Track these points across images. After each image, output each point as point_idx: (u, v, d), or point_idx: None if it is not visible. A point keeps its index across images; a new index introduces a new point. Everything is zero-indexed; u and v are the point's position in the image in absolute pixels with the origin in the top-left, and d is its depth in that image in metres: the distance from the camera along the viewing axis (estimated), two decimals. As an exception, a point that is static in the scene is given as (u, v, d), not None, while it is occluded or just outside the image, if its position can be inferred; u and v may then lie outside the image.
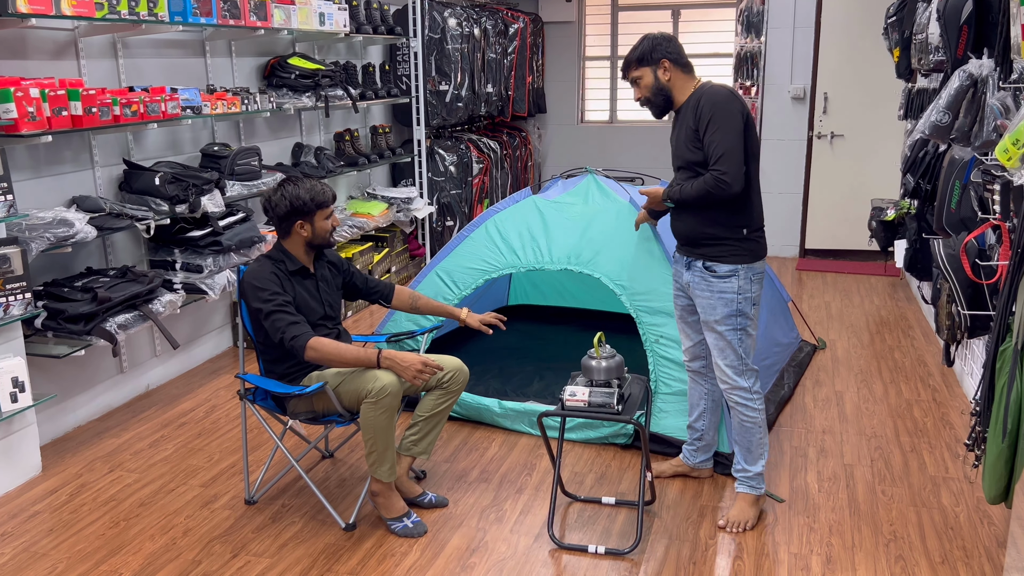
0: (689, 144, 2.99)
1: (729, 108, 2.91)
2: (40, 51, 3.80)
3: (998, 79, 3.04)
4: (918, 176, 4.39)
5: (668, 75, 3.04)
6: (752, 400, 3.11)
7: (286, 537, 3.11)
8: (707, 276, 3.04)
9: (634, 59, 3.08)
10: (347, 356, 2.99)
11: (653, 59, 3.04)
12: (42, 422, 3.81)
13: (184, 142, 4.67)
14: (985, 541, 3.04)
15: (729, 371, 3.09)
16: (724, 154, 2.87)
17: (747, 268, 3.02)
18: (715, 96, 2.93)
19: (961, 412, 4.14)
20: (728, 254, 3.01)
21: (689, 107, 3.00)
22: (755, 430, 3.14)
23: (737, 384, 3.10)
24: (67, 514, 3.29)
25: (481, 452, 3.76)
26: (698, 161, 2.97)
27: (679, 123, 3.06)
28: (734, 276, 3.01)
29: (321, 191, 3.15)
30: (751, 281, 3.03)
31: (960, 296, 3.15)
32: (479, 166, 7.54)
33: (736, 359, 3.08)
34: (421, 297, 3.50)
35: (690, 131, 2.97)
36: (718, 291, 3.03)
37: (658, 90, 3.05)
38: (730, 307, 3.02)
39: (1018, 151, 2.27)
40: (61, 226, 3.53)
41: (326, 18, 5.33)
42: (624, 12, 8.71)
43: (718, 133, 2.89)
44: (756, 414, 3.12)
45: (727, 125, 2.89)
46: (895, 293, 6.28)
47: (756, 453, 3.16)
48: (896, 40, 5.29)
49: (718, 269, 3.02)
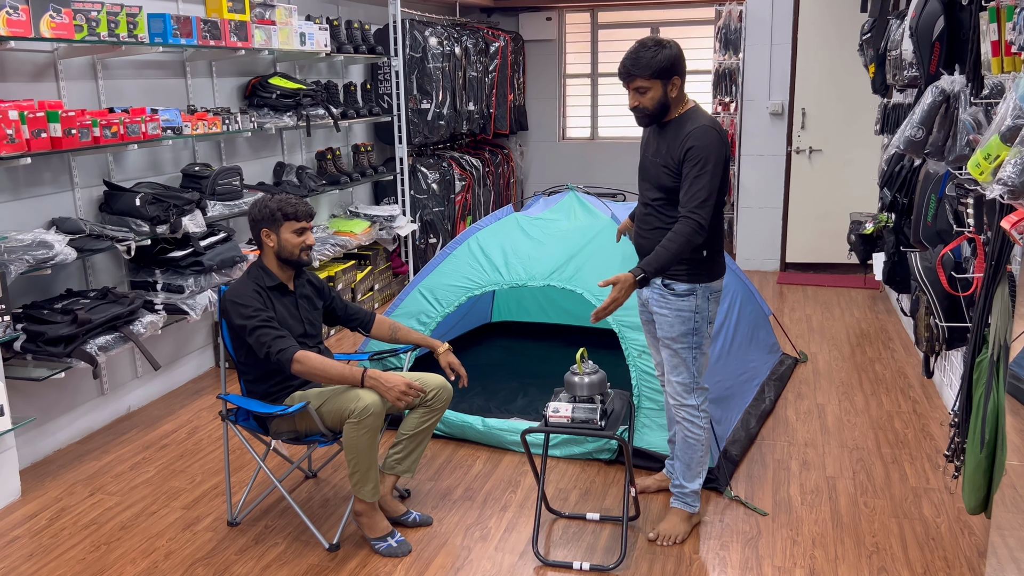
0: (668, 170, 2.95)
1: (719, 154, 2.88)
2: (19, 73, 3.79)
3: (970, 95, 3.09)
4: (895, 190, 4.45)
5: (675, 93, 2.94)
6: (698, 418, 3.12)
7: (269, 558, 3.09)
8: (665, 293, 3.03)
9: (650, 70, 2.88)
10: (333, 372, 2.98)
11: (669, 75, 2.91)
12: (21, 445, 3.78)
13: (165, 163, 4.66)
14: (966, 551, 3.07)
15: (680, 388, 3.10)
16: (705, 199, 2.86)
17: (705, 287, 3.02)
18: (706, 139, 2.87)
19: (941, 423, 4.17)
20: (687, 273, 2.99)
21: (675, 134, 2.94)
22: (697, 447, 3.14)
23: (685, 402, 3.11)
24: (47, 539, 3.26)
25: (465, 470, 3.75)
26: (670, 188, 2.96)
27: (660, 140, 3.00)
28: (692, 295, 3.00)
29: (292, 203, 3.13)
30: (708, 300, 3.04)
31: (937, 308, 3.19)
32: (461, 183, 7.56)
33: (688, 377, 3.08)
34: (401, 328, 3.44)
35: (671, 160, 2.93)
36: (676, 309, 3.02)
37: (661, 106, 2.95)
38: (687, 325, 3.02)
39: (990, 165, 2.31)
40: (41, 248, 3.51)
41: (307, 38, 5.35)
42: (604, 30, 8.79)
43: (704, 178, 2.85)
44: (700, 432, 3.13)
45: (714, 171, 2.87)
46: (875, 306, 6.33)
47: (695, 471, 3.17)
48: (871, 56, 5.36)
49: (677, 287, 3.01)
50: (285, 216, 3.11)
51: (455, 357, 3.36)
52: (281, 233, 3.12)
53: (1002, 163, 2.23)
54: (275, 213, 3.10)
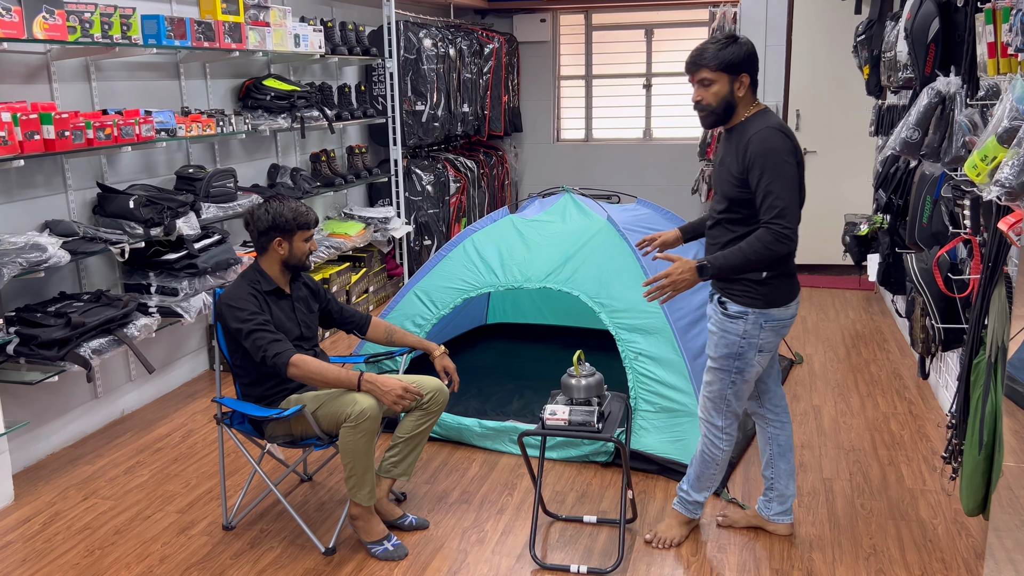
0: (733, 179, 2.76)
1: (788, 158, 2.67)
2: (12, 75, 3.77)
3: (965, 96, 3.10)
4: (890, 191, 4.45)
5: (742, 92, 2.75)
6: (721, 439, 3.01)
7: (265, 563, 3.07)
8: (718, 310, 2.87)
9: (717, 62, 2.70)
10: (329, 376, 2.97)
11: (737, 70, 2.72)
12: (14, 450, 3.75)
13: (159, 165, 4.64)
14: (963, 553, 3.07)
15: (709, 405, 2.98)
16: (784, 208, 2.64)
17: (759, 314, 2.80)
18: (770, 142, 2.67)
19: (937, 425, 4.17)
20: (740, 294, 2.80)
21: (739, 139, 2.75)
22: (712, 465, 3.06)
23: (711, 420, 3.00)
24: (40, 543, 3.23)
25: (461, 473, 3.74)
26: (740, 200, 2.76)
27: (726, 148, 2.83)
28: (742, 319, 2.81)
29: (305, 213, 3.15)
30: (761, 328, 2.81)
31: (934, 310, 3.19)
32: (456, 185, 7.55)
33: (720, 399, 2.95)
34: (397, 330, 3.45)
35: (736, 168, 2.74)
36: (723, 329, 2.85)
37: (727, 103, 2.75)
38: (730, 348, 2.85)
39: (986, 167, 2.31)
40: (34, 251, 3.49)
41: (301, 39, 5.33)
42: (598, 32, 8.79)
43: (776, 184, 2.64)
44: (719, 452, 3.03)
45: (782, 175, 2.65)
46: (870, 307, 6.34)
47: (704, 484, 3.10)
48: (866, 58, 5.37)
49: (729, 307, 2.84)
50: (299, 226, 3.13)
51: (451, 361, 3.35)
52: (294, 242, 3.13)
53: (999, 165, 2.23)
54: (290, 223, 3.10)
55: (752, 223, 2.76)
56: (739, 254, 2.70)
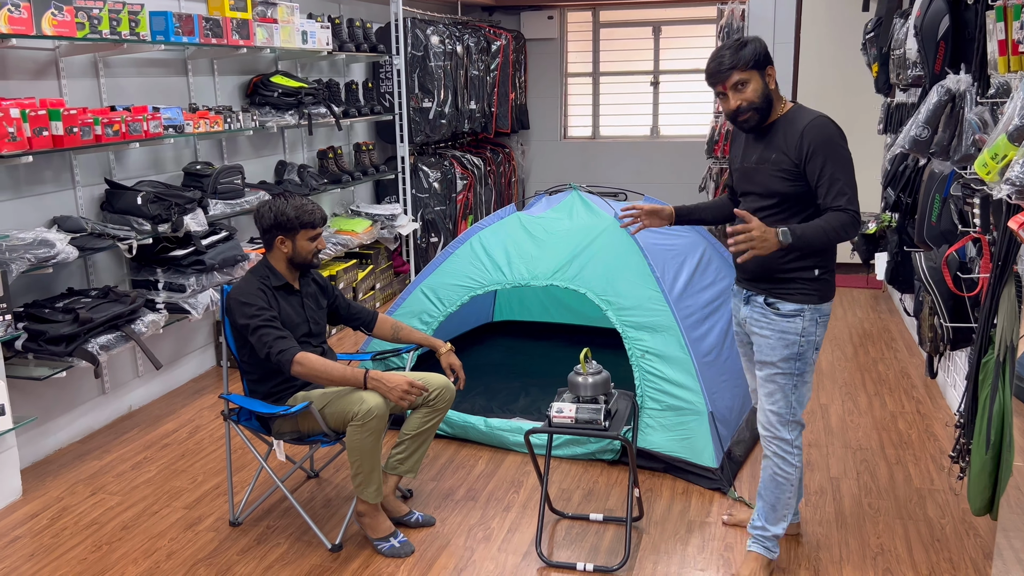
0: (784, 174, 2.68)
1: (843, 143, 2.67)
2: (21, 71, 3.78)
3: (976, 94, 3.08)
4: (899, 190, 4.43)
5: (773, 83, 2.71)
6: (791, 455, 2.83)
7: (271, 559, 3.08)
8: (768, 313, 2.76)
9: (746, 61, 2.65)
10: (334, 374, 2.97)
11: (764, 64, 2.68)
12: (22, 445, 3.76)
13: (166, 161, 4.65)
14: (971, 553, 3.06)
15: (774, 418, 2.82)
16: (852, 195, 2.63)
17: (814, 309, 2.74)
18: (828, 130, 2.66)
19: (945, 424, 4.16)
20: (795, 292, 2.73)
21: (785, 133, 2.69)
22: (786, 487, 2.85)
23: (779, 434, 2.82)
24: (48, 538, 3.25)
25: (468, 470, 3.74)
26: (791, 194, 2.70)
27: (764, 145, 2.75)
28: (799, 316, 2.73)
29: (310, 211, 3.13)
30: (816, 323, 2.76)
31: (942, 309, 3.17)
32: (463, 182, 7.55)
33: (785, 407, 2.80)
34: (403, 327, 3.44)
35: (788, 161, 2.67)
36: (780, 330, 2.75)
37: (767, 97, 2.69)
38: (791, 349, 2.75)
39: (997, 165, 2.29)
40: (42, 247, 3.50)
41: (308, 36, 5.34)
42: (605, 29, 8.78)
43: (840, 172, 2.62)
44: (792, 470, 2.85)
45: (844, 161, 2.64)
46: (877, 305, 6.32)
47: (780, 513, 2.89)
48: (874, 55, 5.35)
49: (782, 307, 2.74)
50: (302, 225, 3.11)
51: (457, 358, 3.35)
52: (297, 240, 3.12)
53: (1010, 163, 2.21)
54: (292, 221, 3.09)
55: (798, 217, 2.71)
56: (819, 231, 2.59)
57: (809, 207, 2.71)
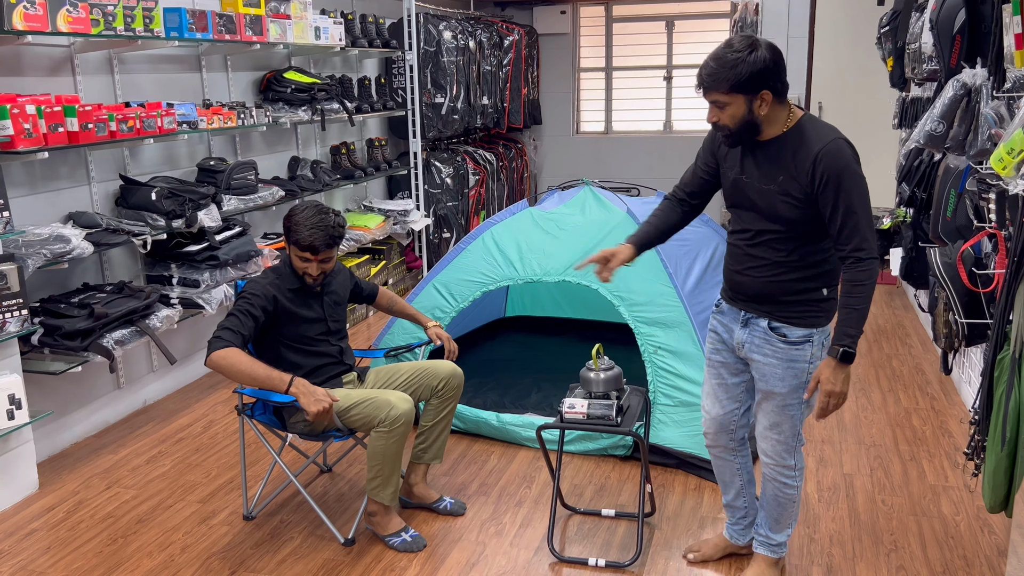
0: (792, 200, 2.43)
1: (859, 170, 2.38)
2: (36, 68, 3.81)
3: (992, 88, 3.06)
4: (913, 185, 4.41)
5: (764, 109, 2.38)
6: (795, 478, 2.70)
7: (285, 553, 3.09)
8: (773, 339, 2.54)
9: (727, 84, 2.34)
10: (258, 374, 2.87)
11: (753, 89, 2.35)
12: (39, 439, 3.80)
13: (180, 157, 4.67)
14: (986, 550, 3.04)
15: (780, 448, 2.65)
16: (867, 232, 2.37)
17: (821, 332, 2.54)
18: (844, 157, 2.36)
19: (960, 420, 4.14)
20: (804, 315, 2.51)
21: (793, 154, 2.42)
22: (789, 505, 2.76)
23: (783, 462, 2.67)
24: (64, 531, 3.28)
25: (480, 465, 3.75)
26: (799, 221, 2.45)
27: (766, 162, 2.47)
28: (808, 343, 2.52)
29: (308, 231, 3.01)
30: (823, 346, 2.55)
31: (957, 305, 3.16)
32: (475, 178, 7.55)
33: (792, 436, 2.63)
34: (398, 300, 3.60)
35: (796, 187, 2.41)
36: (787, 359, 2.53)
37: (746, 124, 2.41)
38: (799, 378, 2.54)
39: (1013, 160, 2.28)
40: (57, 242, 3.53)
41: (322, 32, 5.35)
42: (618, 23, 8.75)
43: (856, 205, 2.35)
44: (794, 491, 2.73)
45: (860, 191, 2.37)
46: (892, 301, 6.29)
47: (784, 523, 2.81)
48: (889, 50, 5.31)
49: (790, 334, 2.52)
50: (294, 241, 3.06)
51: (444, 331, 3.48)
52: (291, 251, 3.11)
53: (1026, 158, 2.20)
54: (289, 231, 3.06)
55: (805, 238, 2.50)
56: (857, 313, 2.39)
57: (816, 231, 2.48)
